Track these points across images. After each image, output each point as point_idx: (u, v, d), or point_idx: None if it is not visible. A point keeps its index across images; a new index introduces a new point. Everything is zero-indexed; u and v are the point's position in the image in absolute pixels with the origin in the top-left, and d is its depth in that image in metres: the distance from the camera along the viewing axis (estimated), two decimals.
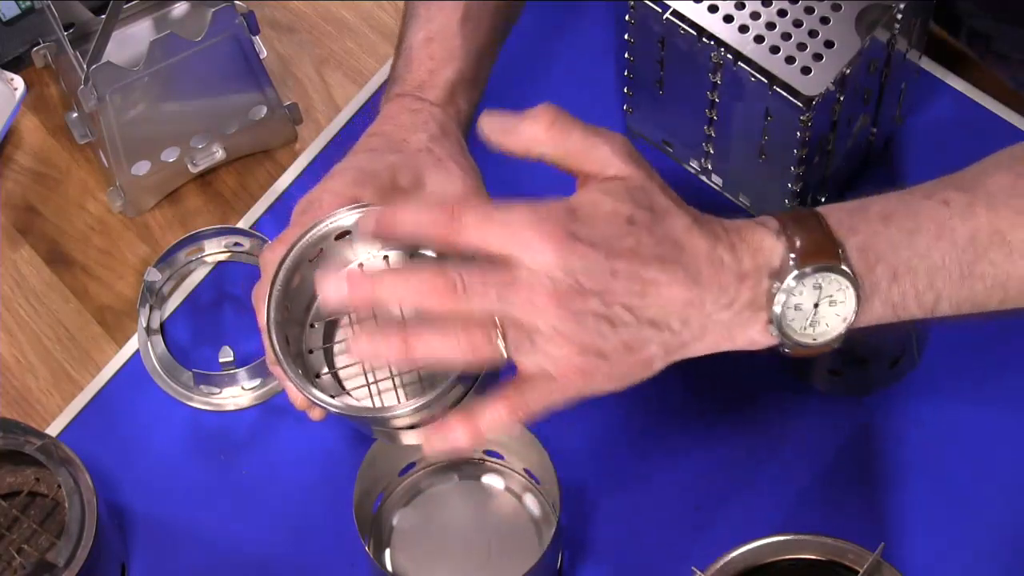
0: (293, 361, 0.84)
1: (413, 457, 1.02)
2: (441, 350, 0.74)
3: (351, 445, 1.04)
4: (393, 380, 0.89)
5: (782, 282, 0.75)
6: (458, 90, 0.95)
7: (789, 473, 1.03)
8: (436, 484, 1.03)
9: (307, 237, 0.85)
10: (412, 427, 0.86)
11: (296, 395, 0.85)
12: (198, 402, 1.08)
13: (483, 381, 0.86)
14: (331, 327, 0.90)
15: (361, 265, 0.89)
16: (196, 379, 1.08)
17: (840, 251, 0.76)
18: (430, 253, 0.88)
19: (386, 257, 0.89)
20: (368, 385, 0.88)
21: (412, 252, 0.89)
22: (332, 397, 0.85)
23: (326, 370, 0.88)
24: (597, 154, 0.76)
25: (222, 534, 1.03)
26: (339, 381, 0.89)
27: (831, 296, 0.76)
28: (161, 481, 1.05)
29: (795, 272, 0.75)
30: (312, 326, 0.89)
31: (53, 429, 1.07)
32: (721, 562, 0.90)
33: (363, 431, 0.93)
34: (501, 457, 1.03)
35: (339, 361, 0.90)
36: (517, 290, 0.72)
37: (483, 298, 0.73)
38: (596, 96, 1.17)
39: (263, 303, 0.84)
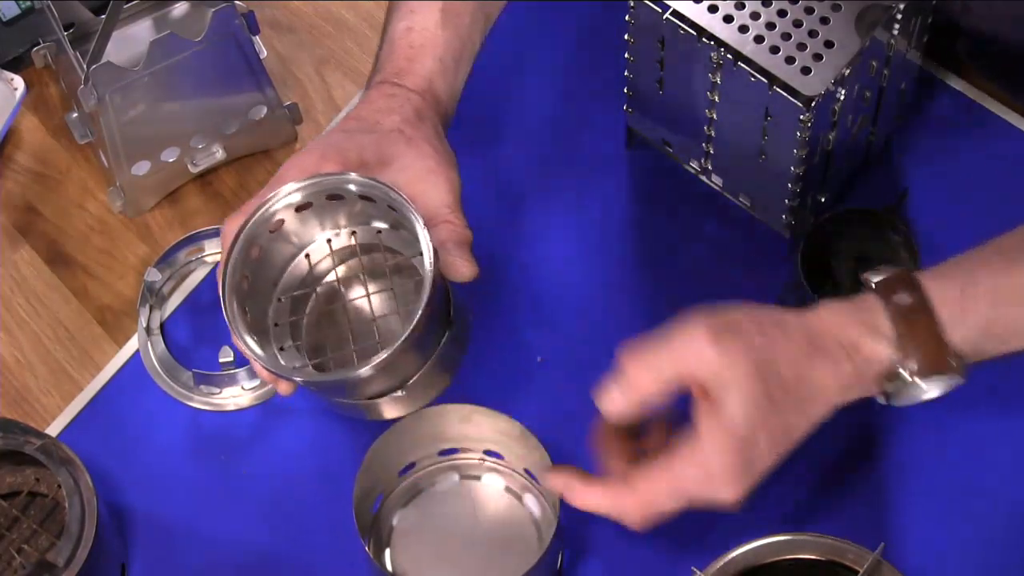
0: (253, 332, 0.85)
1: (413, 457, 1.02)
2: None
3: (351, 445, 1.04)
4: (356, 352, 0.89)
5: (896, 386, 0.84)
6: (436, 78, 0.97)
7: (789, 473, 1.02)
8: (436, 484, 1.03)
9: (263, 209, 0.86)
10: (374, 397, 0.87)
11: (260, 368, 0.87)
12: (198, 402, 1.08)
13: (445, 345, 0.87)
14: (298, 301, 0.90)
15: (329, 241, 0.90)
16: (196, 379, 1.08)
17: (952, 358, 0.82)
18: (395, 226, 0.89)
19: (354, 232, 0.90)
20: (331, 358, 0.89)
21: (379, 228, 0.89)
22: (293, 367, 0.86)
23: (291, 342, 0.89)
24: (689, 371, 0.81)
25: (222, 534, 1.03)
26: (304, 353, 0.90)
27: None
28: (161, 481, 1.05)
29: (909, 382, 0.83)
30: (279, 300, 0.90)
31: (53, 429, 1.07)
32: (721, 562, 0.90)
33: (332, 406, 0.93)
34: (501, 457, 1.03)
35: (306, 335, 0.90)
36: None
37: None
38: (596, 96, 1.17)
39: (220, 275, 0.85)
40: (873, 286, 0.84)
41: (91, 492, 0.95)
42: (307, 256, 0.91)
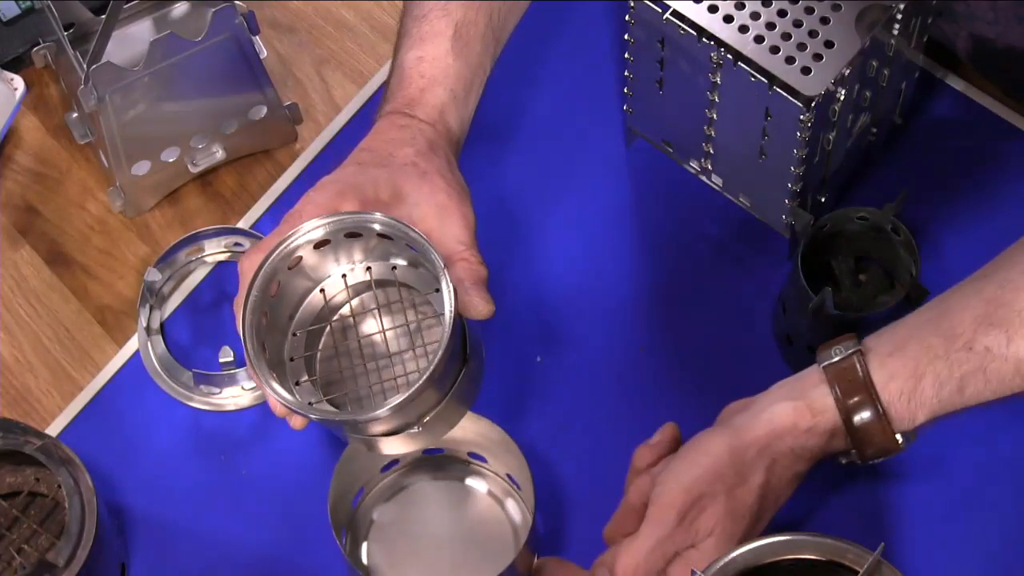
0: (270, 367, 0.85)
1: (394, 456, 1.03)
2: None
3: None
4: (371, 388, 0.89)
5: (849, 461, 0.93)
6: (448, 109, 0.97)
7: None
8: (419, 482, 1.04)
9: (283, 246, 0.86)
10: (390, 434, 0.87)
11: (275, 403, 0.87)
12: (198, 402, 1.08)
13: (461, 382, 0.87)
14: (313, 336, 0.91)
15: (344, 276, 0.90)
16: (196, 379, 1.08)
17: (899, 442, 0.90)
18: (418, 264, 0.89)
19: (368, 268, 0.90)
20: (346, 393, 0.89)
21: (395, 264, 0.90)
22: (309, 404, 0.86)
23: (305, 377, 0.89)
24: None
25: (222, 534, 1.03)
26: (319, 388, 0.90)
27: None
28: (161, 481, 1.05)
29: (861, 464, 0.92)
30: (294, 335, 0.90)
31: (53, 429, 1.07)
32: (721, 562, 0.90)
33: (343, 439, 0.93)
34: (485, 460, 1.03)
35: (320, 369, 0.90)
36: None
37: None
38: (596, 96, 1.17)
39: (240, 310, 0.85)
40: (824, 378, 0.90)
41: (91, 492, 0.95)
42: (322, 291, 0.91)
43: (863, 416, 0.88)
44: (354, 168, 0.93)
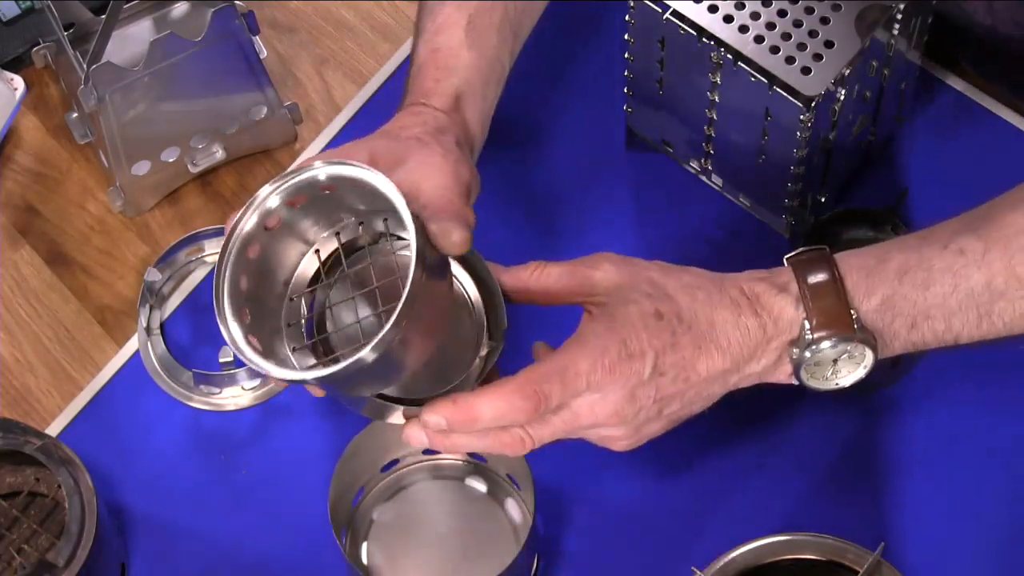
0: (258, 332, 0.84)
1: (396, 454, 1.03)
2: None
3: None
4: (337, 357, 0.88)
5: (801, 350, 0.83)
6: (464, 99, 0.96)
7: (789, 473, 1.03)
8: (419, 482, 1.04)
9: (254, 204, 0.84)
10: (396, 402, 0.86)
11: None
12: (198, 402, 1.08)
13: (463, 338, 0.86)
14: (310, 299, 0.89)
15: (338, 234, 0.88)
16: (196, 379, 1.08)
17: (855, 322, 0.82)
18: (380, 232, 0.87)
19: (361, 223, 0.88)
20: (340, 355, 0.87)
21: (386, 217, 0.88)
22: (294, 368, 0.85)
23: (303, 342, 0.87)
24: (591, 281, 0.84)
25: (222, 534, 1.03)
26: (317, 352, 0.88)
27: (848, 352, 0.83)
28: (161, 481, 1.05)
29: (810, 342, 0.82)
30: (291, 299, 0.88)
31: (53, 429, 1.07)
32: (721, 562, 0.90)
33: (352, 408, 0.92)
34: (485, 461, 1.03)
35: (317, 332, 0.89)
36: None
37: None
38: (596, 96, 1.17)
39: (217, 280, 0.84)
40: (786, 262, 0.85)
41: (91, 492, 0.95)
42: (316, 252, 0.90)
43: (817, 278, 0.82)
44: (356, 141, 0.91)
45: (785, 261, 0.85)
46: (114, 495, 1.04)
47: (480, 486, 1.03)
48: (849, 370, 0.85)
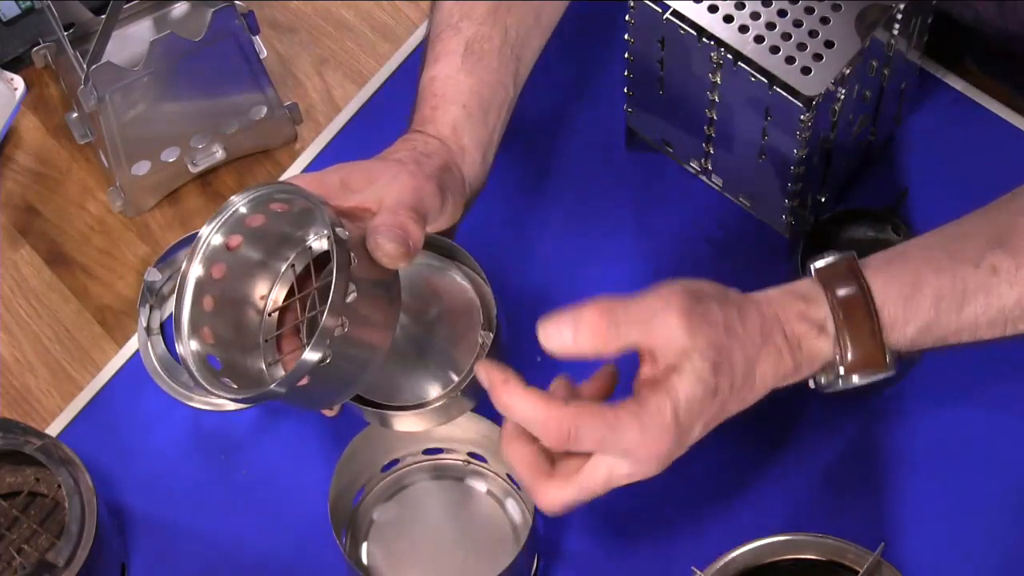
0: (243, 351, 0.85)
1: (396, 454, 1.03)
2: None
3: None
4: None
5: (829, 380, 0.84)
6: (461, 126, 0.95)
7: (789, 473, 1.03)
8: (419, 482, 1.04)
9: (208, 227, 0.85)
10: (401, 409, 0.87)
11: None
12: (198, 402, 1.08)
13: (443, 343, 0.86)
14: (285, 313, 0.90)
15: (310, 248, 0.89)
16: None
17: (887, 356, 0.82)
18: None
19: (310, 247, 0.89)
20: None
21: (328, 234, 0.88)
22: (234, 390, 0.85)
23: (271, 359, 0.88)
24: (659, 332, 0.81)
25: (222, 534, 1.03)
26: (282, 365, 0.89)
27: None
28: (161, 481, 1.05)
29: (842, 376, 0.83)
30: (268, 315, 0.89)
31: (53, 429, 1.07)
32: (721, 562, 0.90)
33: (369, 421, 0.92)
34: (485, 460, 1.03)
35: (285, 348, 0.89)
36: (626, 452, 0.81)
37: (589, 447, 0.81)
38: (596, 96, 1.17)
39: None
40: (814, 272, 0.84)
41: (91, 492, 0.95)
42: (292, 267, 0.91)
43: (847, 290, 0.82)
44: (337, 165, 0.90)
45: (823, 291, 0.83)
46: (114, 495, 1.04)
47: (480, 486, 1.03)
48: (864, 381, 0.85)
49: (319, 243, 0.90)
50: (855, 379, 0.83)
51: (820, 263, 0.84)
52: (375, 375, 0.84)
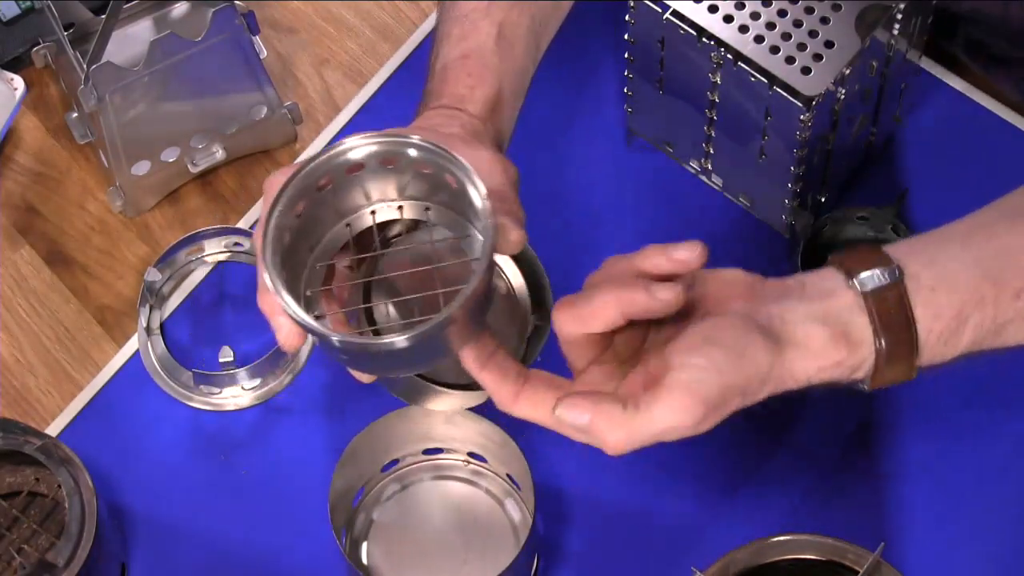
0: (290, 293, 0.80)
1: (396, 454, 1.03)
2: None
3: None
4: (380, 330, 0.87)
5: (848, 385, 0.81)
6: (497, 108, 0.93)
7: (789, 473, 1.03)
8: (419, 482, 1.04)
9: (315, 162, 0.82)
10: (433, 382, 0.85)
11: (287, 336, 0.83)
12: (198, 402, 1.08)
13: (477, 307, 0.83)
14: (331, 270, 0.88)
15: (373, 213, 0.87)
16: (196, 379, 1.08)
17: (913, 374, 0.80)
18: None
19: (400, 207, 0.87)
20: (360, 332, 0.86)
21: (428, 206, 0.86)
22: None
23: (318, 312, 0.86)
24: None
25: (222, 534, 1.03)
26: (361, 322, 0.87)
27: None
28: (161, 481, 1.05)
29: (863, 383, 0.80)
30: (316, 267, 0.87)
31: (53, 429, 1.07)
32: (721, 562, 0.90)
33: (397, 396, 0.91)
34: (485, 460, 1.03)
35: (331, 305, 0.87)
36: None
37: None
38: (596, 96, 1.17)
39: (263, 225, 0.80)
40: (864, 299, 0.79)
41: (91, 492, 0.95)
42: (348, 226, 0.88)
43: (894, 370, 0.79)
44: (397, 128, 0.87)
45: (862, 296, 0.78)
46: (114, 495, 1.04)
47: (480, 486, 1.03)
48: None
49: (383, 210, 0.87)
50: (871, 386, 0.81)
51: (871, 285, 0.78)
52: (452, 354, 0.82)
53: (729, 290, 0.80)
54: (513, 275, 0.92)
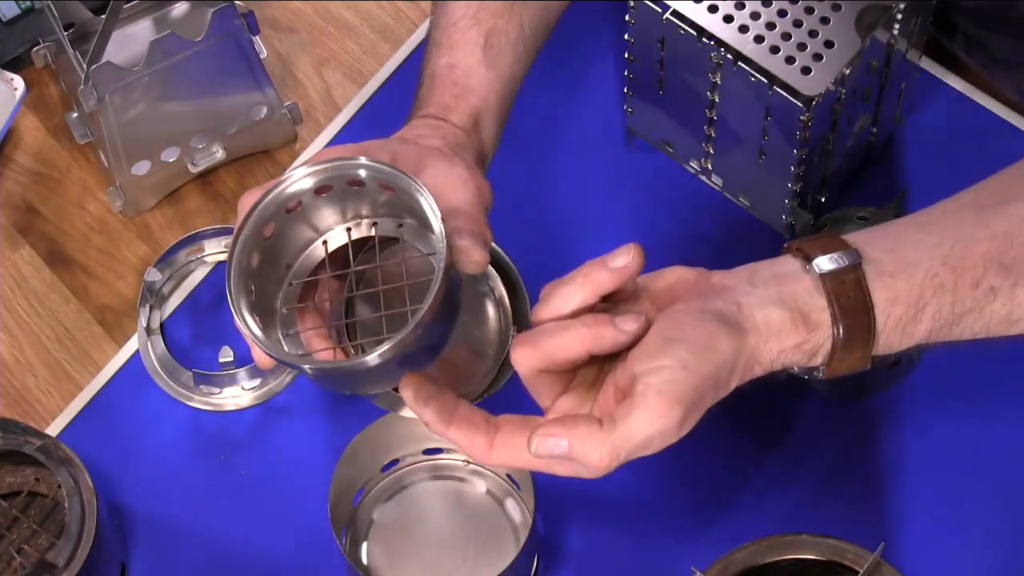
0: (256, 312, 0.82)
1: (396, 454, 1.03)
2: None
3: None
4: (361, 346, 0.88)
5: (805, 372, 0.81)
6: (481, 118, 0.94)
7: (789, 473, 1.03)
8: (419, 482, 1.04)
9: (279, 187, 0.83)
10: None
11: (259, 354, 0.83)
12: (198, 402, 1.08)
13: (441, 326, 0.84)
14: (309, 288, 0.89)
15: (349, 230, 0.88)
16: (196, 379, 1.08)
17: (866, 365, 0.79)
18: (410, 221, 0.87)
19: (375, 223, 0.88)
20: (334, 348, 0.87)
21: (401, 222, 0.87)
22: (300, 355, 0.84)
23: (293, 330, 0.87)
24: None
25: (222, 534, 1.03)
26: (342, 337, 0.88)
27: None
28: (161, 481, 1.05)
29: (824, 371, 0.79)
30: (290, 284, 0.88)
31: (53, 429, 1.07)
32: (721, 562, 0.90)
33: (379, 406, 0.91)
34: None
35: (307, 322, 0.88)
36: None
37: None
38: (596, 96, 1.17)
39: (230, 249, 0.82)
40: (816, 272, 0.79)
41: (91, 492, 0.95)
42: (324, 243, 0.90)
43: (851, 356, 0.79)
44: (373, 142, 0.89)
45: (820, 278, 0.78)
46: (114, 495, 1.04)
47: (480, 486, 1.03)
48: None
49: (358, 227, 0.87)
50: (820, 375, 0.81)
51: (828, 268, 0.78)
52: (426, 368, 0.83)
53: (675, 290, 0.80)
54: (495, 284, 0.92)
